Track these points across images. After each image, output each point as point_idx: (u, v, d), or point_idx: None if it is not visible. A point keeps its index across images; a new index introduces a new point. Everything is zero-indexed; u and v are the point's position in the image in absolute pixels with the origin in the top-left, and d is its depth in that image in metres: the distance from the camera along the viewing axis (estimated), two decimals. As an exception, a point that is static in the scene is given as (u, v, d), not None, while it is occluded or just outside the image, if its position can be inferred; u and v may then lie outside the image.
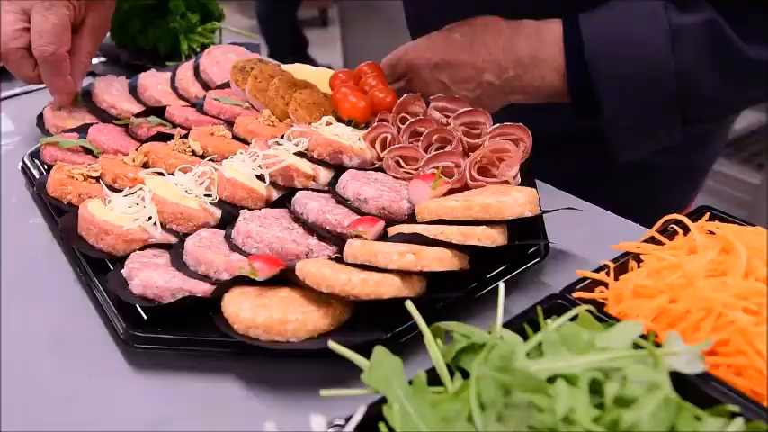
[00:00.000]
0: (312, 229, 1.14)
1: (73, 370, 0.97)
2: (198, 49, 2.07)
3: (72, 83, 1.56)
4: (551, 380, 0.66)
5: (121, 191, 1.23)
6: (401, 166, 1.31)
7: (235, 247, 1.09)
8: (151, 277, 0.98)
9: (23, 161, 1.47)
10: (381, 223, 1.09)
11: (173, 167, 1.34)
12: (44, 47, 1.45)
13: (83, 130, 1.51)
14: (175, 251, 1.09)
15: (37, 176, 1.41)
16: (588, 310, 0.79)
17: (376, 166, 1.35)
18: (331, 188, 1.25)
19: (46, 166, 1.44)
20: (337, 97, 1.49)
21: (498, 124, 1.26)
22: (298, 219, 1.18)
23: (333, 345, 0.76)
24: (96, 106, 1.62)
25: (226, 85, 1.70)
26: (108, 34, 2.14)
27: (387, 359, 0.74)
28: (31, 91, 1.96)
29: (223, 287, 0.97)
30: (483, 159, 1.20)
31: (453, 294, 0.97)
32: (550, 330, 0.72)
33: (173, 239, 1.14)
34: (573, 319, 0.77)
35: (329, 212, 1.13)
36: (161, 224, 1.14)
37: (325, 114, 1.52)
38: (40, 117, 1.61)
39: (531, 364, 0.68)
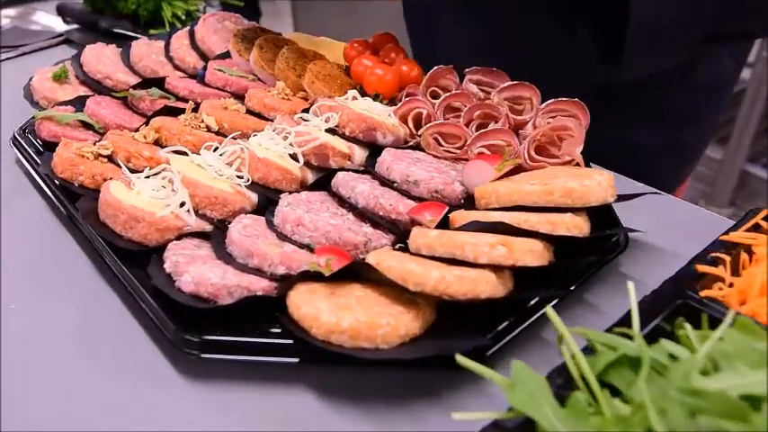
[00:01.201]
0: (363, 215, 1.00)
1: (114, 380, 0.81)
2: (183, 16, 1.88)
3: None
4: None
5: (138, 171, 1.07)
6: (441, 144, 1.17)
7: (283, 237, 0.94)
8: (203, 273, 0.83)
9: (14, 136, 1.28)
10: (445, 209, 0.96)
11: (189, 144, 1.17)
12: None
13: (78, 103, 1.32)
14: (215, 241, 0.94)
15: (32, 153, 1.22)
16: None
17: (411, 143, 1.21)
18: (370, 168, 1.11)
19: (39, 142, 1.25)
20: (359, 69, 1.34)
21: (552, 100, 1.14)
22: (343, 203, 1.03)
23: (461, 359, 0.63)
24: (89, 77, 1.42)
25: (226, 55, 1.52)
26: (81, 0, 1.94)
27: (529, 376, 0.62)
28: (10, 58, 1.74)
29: (288, 284, 0.82)
30: (542, 138, 1.08)
31: (547, 293, 0.85)
32: (717, 340, 0.61)
33: (207, 227, 0.98)
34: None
35: (381, 197, 0.99)
36: (194, 211, 0.98)
37: (343, 87, 1.37)
38: (27, 88, 1.41)
39: (710, 383, 0.56)
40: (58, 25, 2.03)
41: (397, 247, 0.93)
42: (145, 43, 1.53)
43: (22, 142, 1.26)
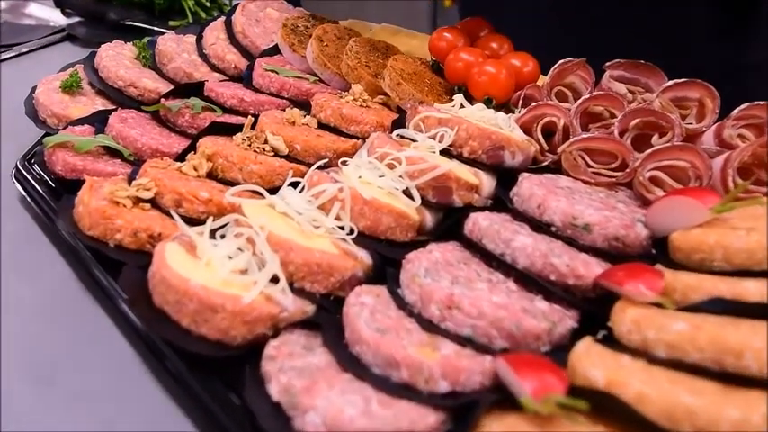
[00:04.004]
0: (524, 278, 0.69)
1: None
2: (207, 3, 1.54)
3: None
4: None
5: (193, 220, 0.76)
6: (589, 165, 0.86)
7: (429, 324, 0.63)
8: (339, 410, 0.52)
9: (17, 168, 0.95)
10: (663, 278, 0.64)
11: (254, 177, 0.87)
12: None
13: (97, 121, 1.00)
14: (329, 335, 0.63)
15: (43, 193, 0.90)
16: None
17: (544, 164, 0.90)
18: (513, 207, 0.80)
19: (50, 176, 0.92)
20: (458, 66, 1.03)
21: (745, 104, 0.82)
22: (489, 258, 0.72)
23: None
24: (108, 85, 1.09)
25: (273, 51, 1.20)
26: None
27: None
28: (5, 59, 1.40)
29: (472, 423, 0.51)
30: (749, 158, 0.77)
31: None
32: None
33: (308, 308, 0.67)
34: None
35: (552, 254, 0.68)
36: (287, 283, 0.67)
37: (434, 88, 1.05)
38: (29, 102, 1.07)
39: None
40: (58, 18, 1.68)
41: (600, 336, 0.62)
42: (173, 39, 1.20)
43: (29, 177, 0.93)
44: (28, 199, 0.91)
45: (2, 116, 1.15)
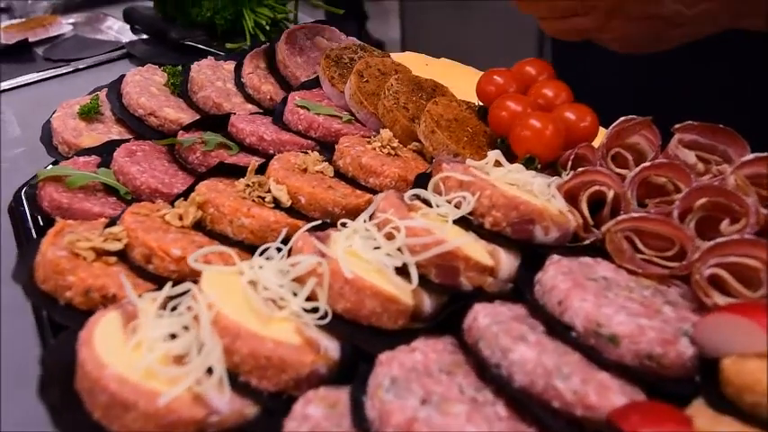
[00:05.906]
0: (518, 401, 0.54)
1: None
2: (267, 27, 1.46)
3: None
4: None
5: (164, 279, 0.66)
6: (638, 250, 0.70)
7: (383, 455, 0.50)
8: None
9: (14, 200, 0.89)
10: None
11: (245, 232, 0.77)
12: None
13: (106, 151, 0.92)
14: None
15: (33, 231, 0.83)
16: None
17: (586, 243, 0.74)
18: (531, 298, 0.66)
19: (40, 214, 0.85)
20: (502, 116, 0.89)
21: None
22: (484, 368, 0.58)
23: None
24: (127, 112, 1.02)
25: (314, 83, 1.09)
26: (152, 4, 1.56)
27: None
28: (61, 74, 1.38)
29: None
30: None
31: None
32: None
33: (249, 411, 0.55)
34: None
35: (557, 374, 0.54)
36: (229, 377, 0.55)
37: (476, 138, 0.92)
38: (47, 126, 1.02)
39: None
40: (130, 35, 1.65)
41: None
42: (209, 65, 1.12)
43: (27, 210, 0.87)
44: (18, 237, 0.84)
45: (32, 138, 1.11)
